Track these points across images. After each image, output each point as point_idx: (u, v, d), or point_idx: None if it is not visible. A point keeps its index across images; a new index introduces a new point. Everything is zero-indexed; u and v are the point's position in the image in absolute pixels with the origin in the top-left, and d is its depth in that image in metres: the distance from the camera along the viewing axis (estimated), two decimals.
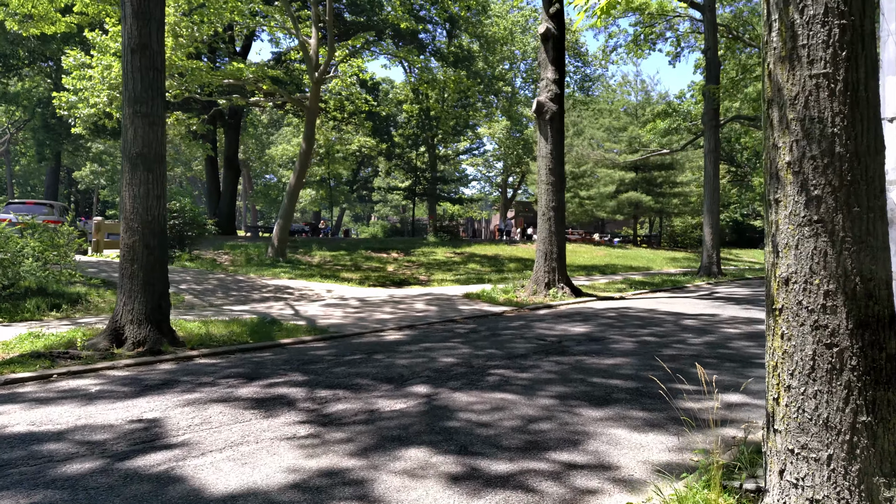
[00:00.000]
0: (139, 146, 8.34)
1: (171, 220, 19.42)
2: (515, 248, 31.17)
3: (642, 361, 7.40)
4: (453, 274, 20.88)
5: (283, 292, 14.32)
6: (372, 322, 10.56)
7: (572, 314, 12.11)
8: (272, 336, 8.91)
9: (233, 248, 24.92)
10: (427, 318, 11.16)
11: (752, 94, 35.65)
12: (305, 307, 12.20)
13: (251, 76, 20.22)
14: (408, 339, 9.01)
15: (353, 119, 30.63)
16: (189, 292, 13.35)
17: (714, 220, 22.57)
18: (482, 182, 74.67)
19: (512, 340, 8.84)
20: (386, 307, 12.47)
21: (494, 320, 11.23)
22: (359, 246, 27.99)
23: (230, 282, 15.34)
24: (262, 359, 7.67)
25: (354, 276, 18.64)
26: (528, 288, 14.72)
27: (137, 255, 8.24)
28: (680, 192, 42.02)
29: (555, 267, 14.58)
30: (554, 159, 14.70)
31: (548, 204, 14.68)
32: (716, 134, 22.99)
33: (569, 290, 14.61)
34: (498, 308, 12.67)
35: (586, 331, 9.80)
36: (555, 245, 14.62)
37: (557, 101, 14.83)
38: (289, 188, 22.17)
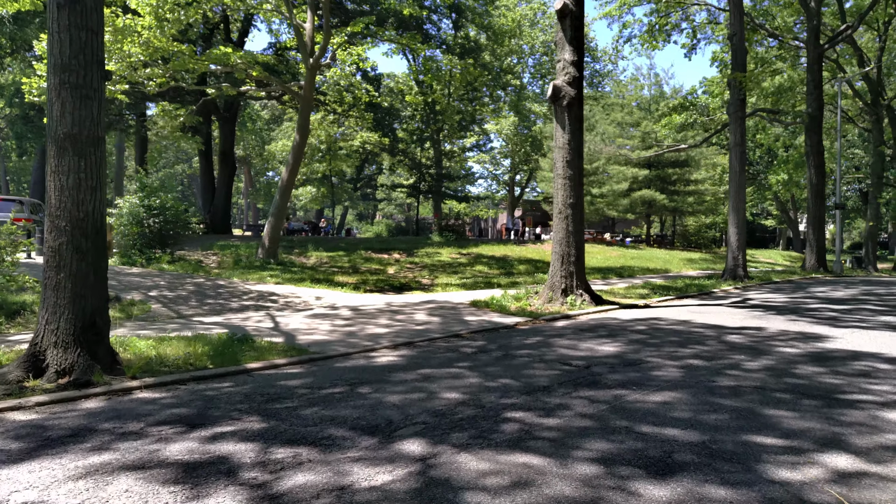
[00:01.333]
0: (67, 125, 6.73)
1: (151, 219, 17.85)
2: (525, 249, 29.51)
3: (697, 397, 5.75)
4: (459, 277, 19.24)
5: (267, 300, 12.71)
6: (363, 338, 8.94)
7: (596, 327, 10.46)
8: (238, 359, 7.29)
9: (223, 248, 23.39)
10: (428, 332, 9.54)
11: (769, 88, 33.93)
12: (288, 318, 10.58)
13: (239, 62, 18.62)
14: (403, 363, 7.38)
15: (353, 111, 29.01)
16: (158, 300, 11.76)
17: (740, 218, 20.85)
18: (489, 180, 73.08)
19: (530, 365, 7.20)
20: (381, 318, 10.85)
21: (507, 335, 9.59)
22: (359, 246, 26.40)
23: (209, 287, 13.75)
24: (217, 392, 6.06)
25: (350, 280, 17.03)
26: (543, 295, 13.07)
27: (65, 260, 6.63)
28: (694, 191, 40.26)
29: (573, 271, 12.93)
30: (572, 150, 13.05)
31: (564, 200, 13.03)
32: (742, 126, 21.27)
33: (588, 297, 12.96)
34: (510, 319, 11.03)
35: (617, 350, 8.15)
36: (572, 247, 12.97)
37: (576, 86, 13.18)
38: (281, 183, 20.58)
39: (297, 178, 55.19)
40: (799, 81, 31.71)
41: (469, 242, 32.23)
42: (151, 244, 18.09)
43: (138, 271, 15.66)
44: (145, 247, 17.98)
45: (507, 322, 10.69)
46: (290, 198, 21.53)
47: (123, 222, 17.93)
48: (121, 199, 18.68)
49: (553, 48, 56.99)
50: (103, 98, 7.11)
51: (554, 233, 13.24)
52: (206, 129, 36.42)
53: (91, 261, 6.75)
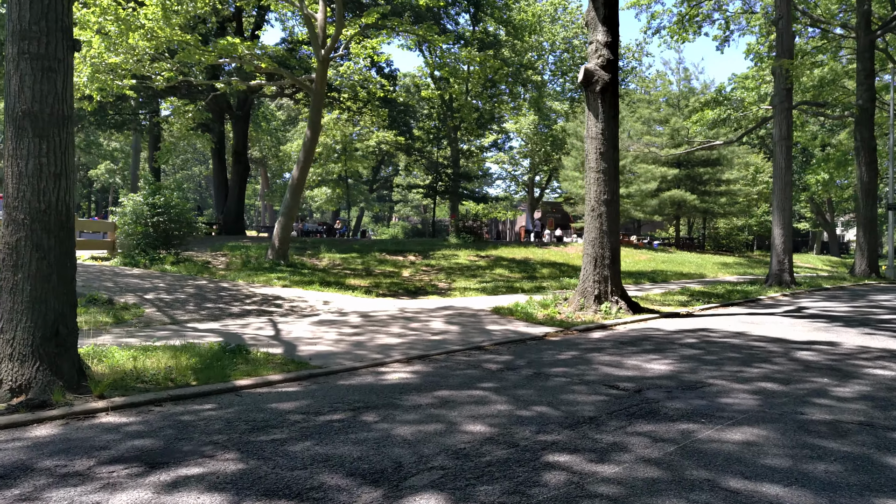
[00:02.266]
0: (27, 101, 5.73)
1: (155, 217, 16.93)
2: (547, 251, 28.30)
3: (788, 436, 4.58)
4: (478, 281, 18.12)
5: (271, 304, 11.68)
6: (372, 349, 7.86)
7: (638, 339, 9.28)
8: (226, 374, 6.24)
9: (233, 248, 22.48)
10: (446, 343, 8.43)
11: (808, 82, 32.38)
12: (291, 326, 9.53)
13: (247, 52, 17.67)
14: (417, 382, 6.28)
15: (368, 108, 28.00)
16: (153, 304, 10.77)
17: (786, 219, 19.47)
18: (507, 181, 71.81)
19: (568, 388, 6.06)
20: (394, 326, 9.76)
21: (536, 348, 8.45)
22: (373, 247, 25.37)
23: (211, 290, 12.75)
24: (195, 417, 5.01)
25: (362, 284, 15.98)
26: (574, 301, 11.91)
27: (23, 259, 5.63)
28: (727, 191, 38.72)
29: (607, 276, 11.76)
30: (606, 141, 11.88)
31: (598, 197, 11.87)
32: (788, 118, 19.90)
33: (625, 304, 11.77)
34: (538, 329, 9.88)
35: (670, 370, 6.98)
36: (606, 248, 11.80)
37: (610, 69, 12.02)
38: (291, 181, 19.60)
39: (312, 178, 54.53)
40: (843, 74, 30.15)
41: (487, 244, 31.08)
42: (155, 244, 17.19)
43: (139, 272, 14.74)
44: (149, 247, 17.08)
45: (536, 332, 9.55)
46: (301, 197, 20.56)
47: (127, 221, 17.05)
48: (125, 197, 17.82)
49: (575, 45, 55.77)
50: (70, 71, 6.10)
51: (586, 233, 12.08)
52: (219, 129, 35.64)
53: (54, 260, 5.73)
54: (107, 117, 33.64)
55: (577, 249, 30.32)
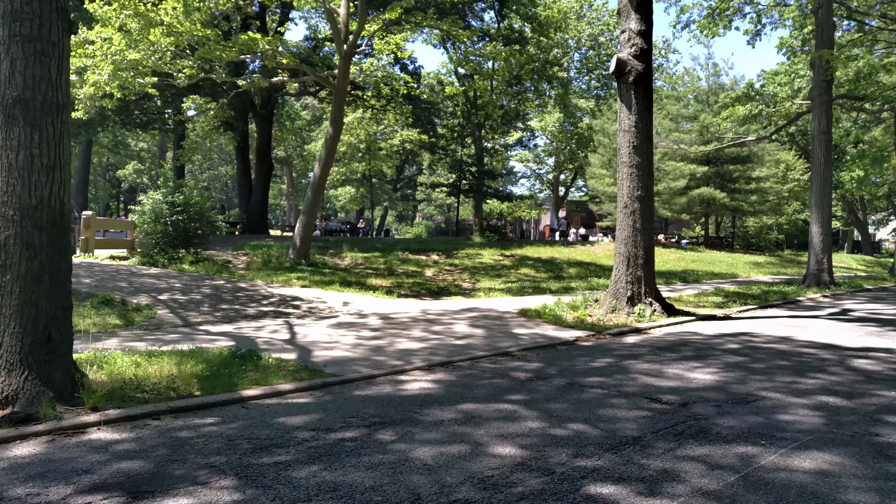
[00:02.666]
0: (17, 88, 5.30)
1: (174, 216, 16.64)
2: (573, 251, 27.60)
3: (867, 464, 3.95)
4: (503, 281, 17.53)
5: (289, 305, 11.24)
6: (391, 355, 7.34)
7: (676, 345, 8.64)
8: (234, 383, 5.77)
9: (255, 248, 22.16)
10: (470, 348, 7.88)
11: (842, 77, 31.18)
12: (307, 328, 9.06)
13: (268, 47, 17.28)
14: (439, 393, 5.74)
15: (391, 105, 27.54)
16: (167, 305, 10.39)
17: (825, 217, 18.57)
18: (531, 179, 71.01)
19: (606, 400, 5.48)
20: (415, 329, 9.24)
21: (567, 354, 7.86)
22: (395, 246, 24.91)
23: (227, 290, 12.36)
24: (194, 433, 4.53)
25: (384, 284, 15.49)
26: (605, 303, 11.28)
27: (12, 259, 5.21)
28: (757, 189, 37.58)
29: (640, 276, 11.11)
30: (639, 134, 11.23)
31: (631, 193, 11.22)
32: (828, 112, 18.99)
33: (659, 306, 11.12)
34: (568, 333, 9.29)
35: (717, 380, 6.35)
36: (640, 247, 11.15)
37: (643, 59, 11.37)
38: (313, 180, 19.20)
39: (335, 177, 54.33)
40: (879, 67, 28.98)
41: (512, 243, 30.46)
42: (175, 243, 16.89)
43: (156, 272, 14.43)
44: (168, 246, 16.78)
45: (566, 337, 8.96)
46: (323, 195, 20.17)
47: (146, 220, 16.78)
48: (143, 195, 17.55)
49: (601, 42, 54.79)
50: (66, 56, 5.66)
51: (618, 231, 11.45)
52: (243, 127, 35.46)
53: (45, 259, 5.30)
54: (132, 117, 33.64)
55: (605, 249, 29.55)
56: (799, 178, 47.12)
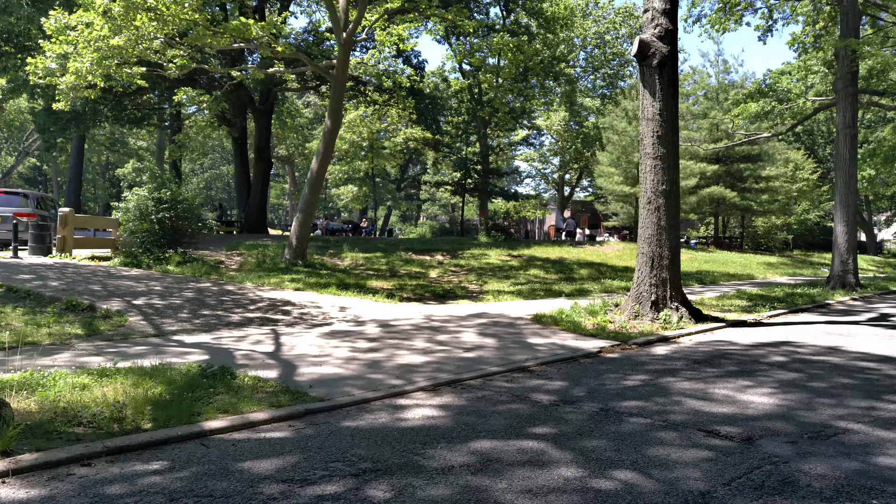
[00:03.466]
0: None
1: (160, 213, 15.63)
2: (582, 251, 26.56)
3: None
4: (512, 283, 16.49)
5: (278, 310, 10.22)
6: (390, 371, 6.32)
7: (713, 357, 7.60)
8: (196, 411, 4.74)
9: (251, 247, 21.17)
10: (481, 362, 6.86)
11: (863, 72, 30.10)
12: (296, 339, 8.04)
13: (261, 33, 16.27)
14: (446, 424, 4.71)
15: (394, 99, 26.53)
16: (141, 311, 9.38)
17: (850, 215, 17.50)
18: (537, 179, 70.05)
19: (652, 434, 4.45)
20: (418, 339, 8.21)
21: (593, 369, 6.83)
22: (398, 247, 23.89)
23: (212, 294, 11.34)
24: (128, 487, 3.48)
25: (385, 286, 14.47)
26: (627, 308, 10.24)
27: None
28: (767, 188, 36.53)
29: (665, 278, 10.07)
30: (664, 122, 10.20)
31: (655, 187, 10.18)
32: (853, 105, 17.93)
33: (686, 311, 10.08)
34: (589, 343, 8.25)
35: (776, 403, 5.32)
36: (665, 246, 10.11)
37: (668, 40, 10.34)
38: (310, 175, 18.19)
39: (338, 176, 53.34)
40: (893, 64, 27.90)
41: (519, 243, 29.43)
42: (161, 243, 15.88)
43: (137, 274, 13.42)
44: (154, 245, 15.77)
45: (588, 347, 7.92)
46: (321, 192, 19.15)
47: (130, 217, 15.76)
48: (129, 191, 16.54)
49: (606, 40, 53.72)
50: None
51: (640, 229, 10.41)
52: (241, 124, 34.48)
53: None
54: (125, 112, 32.66)
55: (614, 249, 28.52)
56: (808, 177, 46.07)
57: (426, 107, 30.11)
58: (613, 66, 54.96)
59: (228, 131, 33.82)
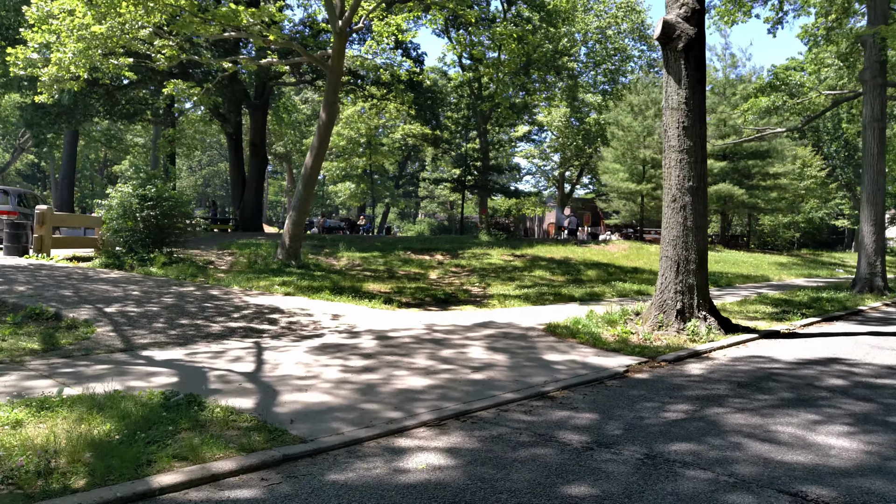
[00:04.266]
0: None
1: (145, 211, 14.68)
2: (587, 251, 25.62)
3: None
4: (517, 285, 15.55)
5: (264, 319, 9.26)
6: (386, 400, 5.38)
7: (757, 377, 6.67)
8: (146, 459, 3.80)
9: (243, 247, 20.24)
10: (493, 387, 5.92)
11: None
12: (281, 355, 7.09)
13: (251, 21, 15.30)
14: (456, 478, 3.77)
15: (392, 93, 25.55)
16: (112, 320, 8.42)
17: (878, 214, 16.56)
18: (537, 176, 69.12)
19: (719, 497, 3.51)
20: (419, 355, 7.26)
21: (623, 395, 5.89)
22: (397, 245, 22.95)
23: (194, 300, 10.39)
24: None
25: (383, 289, 13.53)
26: (649, 317, 9.30)
27: None
28: (775, 185, 35.60)
29: (692, 284, 9.12)
30: (691, 112, 9.25)
31: (680, 183, 9.24)
32: (882, 96, 16.97)
33: (714, 321, 9.14)
34: (613, 359, 7.31)
35: (864, 449, 4.38)
36: (692, 249, 9.17)
37: (695, 21, 9.38)
38: (304, 171, 17.23)
39: (335, 172, 52.35)
40: None
41: (522, 242, 28.50)
42: (146, 242, 14.92)
43: (116, 276, 12.46)
44: (139, 245, 14.82)
45: (612, 366, 6.99)
46: (315, 188, 18.19)
47: (113, 216, 14.80)
48: (111, 188, 15.56)
49: (608, 35, 52.72)
50: None
51: (664, 230, 9.46)
52: (236, 119, 33.49)
53: None
54: (117, 107, 31.64)
55: (620, 248, 27.59)
56: (816, 174, 45.16)
57: (425, 101, 29.14)
58: (615, 62, 54.03)
59: (222, 126, 32.83)
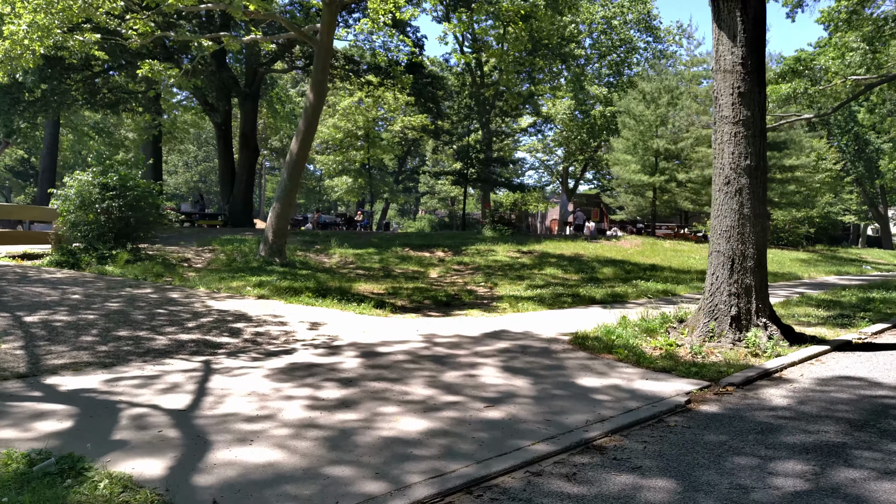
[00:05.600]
0: None
1: (106, 202, 12.97)
2: (599, 247, 23.93)
3: None
4: (528, 285, 13.85)
5: (225, 329, 7.56)
6: (365, 455, 3.70)
7: (872, 410, 4.98)
8: None
9: (226, 243, 18.57)
10: (517, 431, 4.24)
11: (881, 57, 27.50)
12: (232, 380, 5.40)
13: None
14: None
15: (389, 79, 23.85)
16: (28, 332, 6.73)
17: None
18: (540, 170, 67.38)
19: None
20: (415, 381, 5.57)
21: (700, 445, 4.20)
22: (394, 242, 21.27)
23: (148, 304, 8.70)
24: None
25: (376, 290, 11.83)
26: (698, 325, 7.60)
27: None
28: (792, 178, 33.93)
29: (750, 285, 7.42)
30: (748, 75, 7.54)
31: (735, 162, 7.53)
32: None
33: (776, 330, 7.44)
34: (666, 384, 5.62)
35: None
36: (750, 243, 7.47)
37: None
38: (289, 158, 15.54)
39: (332, 166, 50.54)
40: None
41: (528, 238, 26.80)
42: (108, 237, 13.21)
43: (63, 276, 10.76)
44: (99, 240, 13.12)
45: (667, 393, 5.31)
46: (301, 177, 16.50)
47: (70, 207, 13.10)
48: (69, 176, 13.84)
49: (614, 25, 50.98)
50: None
51: (714, 219, 7.75)
52: (225, 108, 31.75)
53: None
54: (97, 95, 29.91)
55: (633, 244, 25.90)
56: (831, 167, 43.47)
57: (425, 86, 27.41)
58: (620, 53, 52.34)
59: (210, 116, 31.13)
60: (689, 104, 32.18)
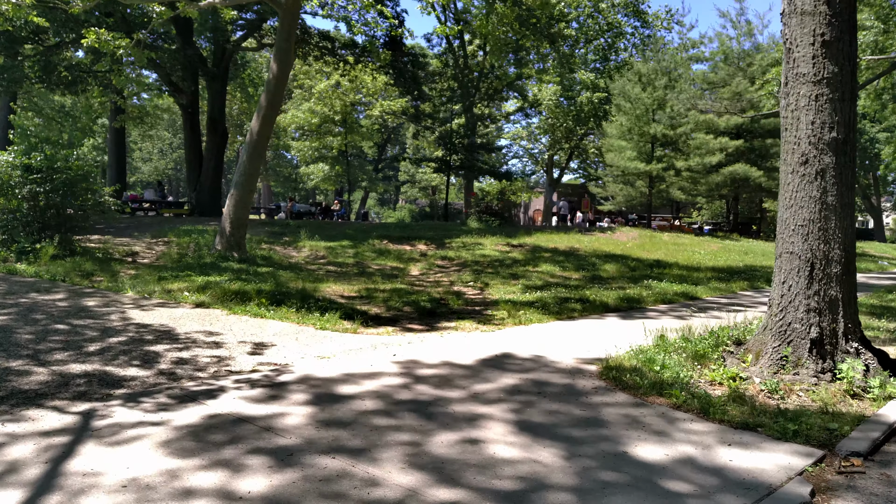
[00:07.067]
0: None
1: (29, 187, 10.90)
2: (594, 240, 22.18)
3: None
4: (524, 286, 12.01)
5: (138, 353, 5.61)
6: None
7: None
8: None
9: (183, 234, 16.53)
10: None
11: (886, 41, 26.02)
12: (109, 454, 3.47)
13: None
14: None
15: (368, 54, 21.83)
16: None
17: None
18: (524, 159, 65.60)
19: None
20: (388, 450, 3.67)
21: None
22: (371, 233, 19.33)
23: (47, 317, 6.71)
24: None
25: (348, 292, 9.92)
26: (762, 349, 5.79)
27: None
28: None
29: (835, 298, 5.63)
30: (836, 18, 5.73)
31: (817, 134, 5.73)
32: None
33: (872, 358, 5.66)
34: (761, 453, 3.80)
35: None
36: (836, 242, 5.68)
37: None
38: (249, 136, 13.51)
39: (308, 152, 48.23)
40: None
41: (517, 230, 25.02)
42: (32, 228, 11.15)
43: None
44: (22, 232, 11.06)
45: (770, 476, 3.49)
46: (263, 159, 14.50)
47: None
48: None
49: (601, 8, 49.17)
50: None
51: (786, 210, 5.94)
52: (192, 88, 29.46)
53: None
54: (52, 73, 27.48)
55: (630, 237, 24.20)
56: None
57: (405, 66, 25.39)
58: (608, 38, 50.61)
59: (175, 98, 28.88)
60: (687, 87, 30.49)
